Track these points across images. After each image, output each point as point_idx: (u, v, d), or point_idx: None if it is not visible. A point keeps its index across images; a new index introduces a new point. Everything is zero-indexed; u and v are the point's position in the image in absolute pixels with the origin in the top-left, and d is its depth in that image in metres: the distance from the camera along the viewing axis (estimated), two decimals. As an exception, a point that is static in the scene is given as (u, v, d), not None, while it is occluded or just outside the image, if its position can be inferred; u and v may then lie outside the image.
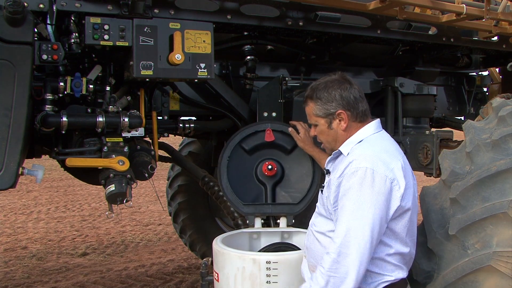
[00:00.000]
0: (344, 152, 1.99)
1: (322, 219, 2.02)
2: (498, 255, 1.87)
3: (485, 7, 2.92)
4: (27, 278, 5.21)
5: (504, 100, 2.27)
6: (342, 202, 1.83)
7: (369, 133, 2.00)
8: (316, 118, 2.07)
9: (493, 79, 4.78)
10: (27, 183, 11.10)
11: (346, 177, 1.84)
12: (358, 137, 1.99)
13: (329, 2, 2.78)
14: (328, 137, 2.07)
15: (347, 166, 1.86)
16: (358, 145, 1.97)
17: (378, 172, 1.79)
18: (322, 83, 2.05)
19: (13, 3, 2.15)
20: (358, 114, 2.01)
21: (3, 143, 2.26)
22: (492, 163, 2.01)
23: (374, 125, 2.03)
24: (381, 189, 1.78)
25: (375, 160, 1.83)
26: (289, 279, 2.18)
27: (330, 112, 2.01)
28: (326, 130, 2.05)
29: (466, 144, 2.17)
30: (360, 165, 1.82)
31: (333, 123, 2.02)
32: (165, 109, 3.24)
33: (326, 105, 2.02)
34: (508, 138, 2.03)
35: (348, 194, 1.81)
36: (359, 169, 1.81)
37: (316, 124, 2.08)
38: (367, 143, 1.96)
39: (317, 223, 2.05)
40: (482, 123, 2.25)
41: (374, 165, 1.81)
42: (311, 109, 2.08)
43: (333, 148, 2.09)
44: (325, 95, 2.02)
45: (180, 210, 4.88)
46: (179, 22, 2.56)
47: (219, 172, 2.69)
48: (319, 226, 2.02)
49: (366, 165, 1.81)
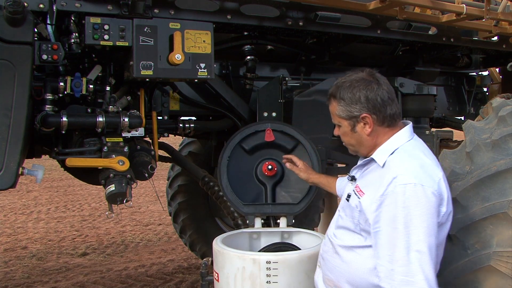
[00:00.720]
0: (379, 162, 1.80)
1: (346, 232, 1.86)
2: (498, 255, 1.87)
3: (485, 7, 2.92)
4: (27, 278, 5.21)
5: (504, 100, 2.27)
6: (393, 225, 1.64)
7: (404, 141, 1.82)
8: (339, 119, 1.90)
9: (493, 79, 4.79)
10: (27, 183, 11.10)
11: (393, 196, 1.66)
12: (393, 145, 1.81)
13: (329, 2, 2.78)
14: (352, 140, 1.90)
15: (390, 182, 1.67)
16: (395, 155, 1.78)
17: (427, 187, 1.65)
18: (347, 81, 1.86)
19: (13, 3, 2.15)
20: (386, 118, 1.82)
21: (3, 143, 2.26)
22: (492, 163, 2.01)
23: (408, 131, 1.86)
24: (431, 206, 1.64)
25: (421, 173, 1.68)
26: (289, 279, 2.18)
27: (354, 115, 1.83)
28: (350, 132, 1.88)
29: (466, 144, 2.17)
30: (407, 181, 1.64)
31: (357, 126, 1.85)
32: (165, 109, 3.24)
33: (350, 107, 1.83)
34: (508, 138, 2.03)
35: (399, 216, 1.63)
36: (406, 185, 1.64)
37: (339, 124, 1.92)
38: (405, 153, 1.78)
39: (339, 236, 1.90)
40: (482, 123, 2.24)
41: (422, 180, 1.65)
42: (334, 108, 1.90)
43: (357, 151, 1.94)
44: (349, 96, 1.83)
45: (180, 210, 4.88)
46: (179, 22, 2.57)
47: (219, 172, 2.68)
48: (342, 239, 1.87)
49: (414, 180, 1.64)
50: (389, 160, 1.78)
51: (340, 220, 1.92)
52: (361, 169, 1.93)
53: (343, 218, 1.89)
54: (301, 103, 3.16)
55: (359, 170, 1.94)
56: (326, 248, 1.97)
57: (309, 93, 3.19)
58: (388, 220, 1.66)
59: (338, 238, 1.90)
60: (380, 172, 1.77)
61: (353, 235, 1.82)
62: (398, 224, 1.63)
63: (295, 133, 2.73)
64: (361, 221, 1.78)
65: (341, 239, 1.88)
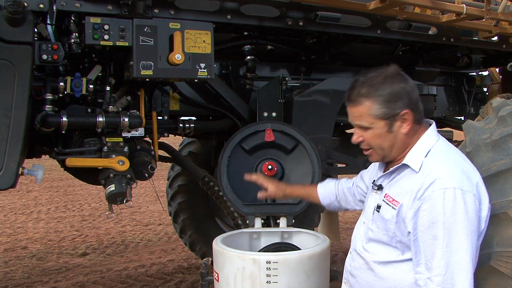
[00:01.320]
0: (414, 167, 1.66)
1: (379, 246, 1.75)
2: (498, 255, 1.87)
3: (485, 7, 2.92)
4: (27, 278, 5.21)
5: (504, 100, 2.27)
6: (432, 232, 1.55)
7: (434, 141, 1.71)
8: (372, 120, 1.68)
9: (493, 79, 4.79)
10: (27, 183, 11.10)
11: (430, 201, 1.56)
12: (424, 147, 1.69)
13: (329, 2, 2.78)
14: (385, 143, 1.71)
15: (428, 187, 1.58)
16: (429, 158, 1.66)
17: (467, 191, 1.56)
18: (380, 77, 1.69)
19: (13, 3, 2.15)
20: (420, 115, 1.71)
21: (3, 143, 2.26)
22: (492, 163, 2.01)
23: (435, 131, 1.75)
24: (472, 211, 1.55)
25: (460, 176, 1.58)
26: (289, 279, 2.18)
27: (395, 112, 1.65)
28: (384, 134, 1.68)
29: (466, 144, 2.17)
30: (447, 185, 1.55)
31: (394, 125, 1.67)
32: (165, 109, 3.24)
33: (390, 103, 1.65)
34: (508, 138, 2.03)
35: (438, 222, 1.54)
36: (446, 190, 1.54)
37: (369, 127, 1.70)
38: (440, 155, 1.67)
39: (371, 250, 1.78)
40: (482, 123, 2.24)
41: (461, 184, 1.56)
42: (367, 109, 1.68)
43: (385, 156, 1.75)
44: (388, 92, 1.65)
45: (180, 210, 4.88)
46: (179, 22, 2.57)
47: (219, 172, 2.68)
48: (376, 254, 1.75)
49: (454, 184, 1.55)
50: (424, 163, 1.65)
51: (371, 233, 1.78)
52: (389, 177, 1.78)
53: (375, 231, 1.76)
54: (301, 103, 3.16)
55: (386, 178, 1.79)
56: (356, 264, 1.84)
57: (309, 93, 3.19)
58: (426, 227, 1.57)
59: (371, 253, 1.77)
60: (415, 177, 1.65)
61: (388, 249, 1.71)
62: (437, 230, 1.55)
63: (295, 133, 2.73)
64: (397, 233, 1.67)
65: (374, 254, 1.76)
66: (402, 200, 1.66)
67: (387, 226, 1.70)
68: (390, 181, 1.76)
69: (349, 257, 1.92)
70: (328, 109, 3.22)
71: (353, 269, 1.86)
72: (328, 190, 2.29)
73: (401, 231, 1.66)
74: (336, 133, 3.77)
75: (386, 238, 1.71)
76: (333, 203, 2.27)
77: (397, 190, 1.71)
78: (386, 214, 1.70)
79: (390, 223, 1.68)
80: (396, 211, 1.66)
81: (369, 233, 1.80)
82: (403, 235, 1.66)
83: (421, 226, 1.58)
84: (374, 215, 1.78)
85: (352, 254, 1.89)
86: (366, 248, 1.80)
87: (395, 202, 1.68)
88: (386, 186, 1.77)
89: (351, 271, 1.87)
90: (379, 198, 1.78)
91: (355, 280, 1.84)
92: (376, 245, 1.76)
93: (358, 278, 1.82)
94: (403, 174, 1.72)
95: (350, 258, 1.91)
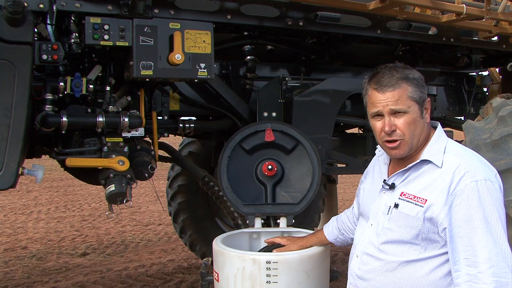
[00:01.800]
0: (437, 163, 1.67)
1: (399, 246, 1.71)
2: (498, 255, 1.87)
3: (485, 7, 2.92)
4: (27, 278, 5.21)
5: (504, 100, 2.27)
6: (470, 225, 1.55)
7: (446, 139, 1.75)
8: (410, 103, 1.67)
9: (493, 79, 4.79)
10: (27, 183, 11.10)
11: (464, 194, 1.58)
12: (440, 144, 1.72)
13: (329, 2, 2.78)
14: (417, 129, 1.69)
15: (460, 180, 1.59)
16: (450, 153, 1.68)
17: (494, 182, 1.61)
18: (402, 66, 1.74)
19: (13, 3, 2.15)
20: None
21: (3, 143, 2.26)
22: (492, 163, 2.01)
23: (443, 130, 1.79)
24: (501, 200, 1.60)
25: (485, 169, 1.63)
26: (289, 279, 2.18)
27: (425, 97, 1.70)
28: (418, 119, 1.69)
29: (466, 144, 2.17)
30: (477, 178, 1.58)
31: (423, 111, 1.71)
32: (165, 109, 3.24)
33: (422, 88, 1.70)
34: (508, 138, 2.03)
35: (476, 214, 1.55)
36: (478, 182, 1.57)
37: (407, 111, 1.67)
38: (460, 150, 1.70)
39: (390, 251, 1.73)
40: (482, 123, 2.25)
41: (489, 175, 1.61)
42: (405, 91, 1.67)
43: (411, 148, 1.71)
44: (417, 77, 1.70)
45: (180, 210, 4.88)
46: (179, 22, 2.57)
47: (219, 172, 2.68)
48: (396, 254, 1.71)
49: (484, 176, 1.59)
50: (445, 159, 1.67)
51: (390, 233, 1.74)
52: (402, 175, 1.76)
53: (395, 231, 1.72)
54: (301, 103, 3.16)
55: (399, 176, 1.77)
56: (370, 268, 1.79)
57: (309, 93, 3.19)
58: (463, 221, 1.57)
59: (389, 253, 1.73)
60: (439, 172, 1.66)
61: (409, 248, 1.69)
62: (476, 223, 1.55)
63: (295, 133, 2.73)
64: (423, 230, 1.65)
65: (394, 254, 1.72)
66: (429, 196, 1.65)
67: (412, 224, 1.67)
68: (405, 179, 1.75)
69: (357, 261, 1.85)
70: (328, 109, 3.21)
71: (365, 273, 1.80)
72: (332, 227, 2.29)
73: (428, 228, 1.64)
74: (336, 133, 3.77)
75: (409, 236, 1.68)
76: (338, 237, 2.25)
77: (418, 187, 1.69)
78: (411, 212, 1.67)
79: (417, 220, 1.66)
80: (424, 208, 1.65)
81: (387, 234, 1.75)
82: (431, 231, 1.64)
83: (457, 221, 1.58)
84: (391, 214, 1.74)
85: (360, 258, 1.84)
86: (382, 249, 1.75)
87: (420, 199, 1.67)
88: (400, 185, 1.75)
89: (362, 275, 1.82)
90: (391, 197, 1.76)
91: (367, 284, 1.79)
92: (394, 245, 1.73)
93: (372, 281, 1.77)
94: (422, 171, 1.71)
95: (358, 262, 1.84)
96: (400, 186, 1.75)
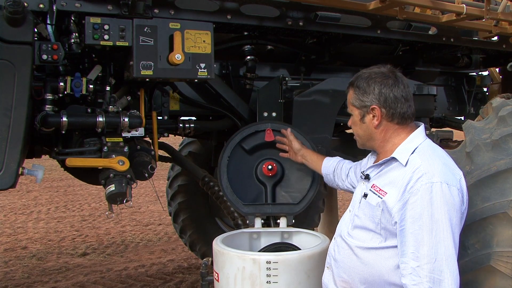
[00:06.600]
0: (401, 161, 1.80)
1: (364, 232, 1.86)
2: (498, 255, 1.87)
3: (485, 7, 2.92)
4: (27, 278, 5.21)
5: (504, 100, 2.27)
6: (419, 223, 1.66)
7: (421, 140, 1.86)
8: (351, 107, 1.96)
9: (493, 79, 4.79)
10: (27, 183, 11.10)
11: (418, 194, 1.68)
12: (412, 144, 1.84)
13: (329, 2, 2.78)
14: (360, 131, 1.96)
15: (416, 180, 1.70)
16: (416, 154, 1.80)
17: (452, 185, 1.69)
18: (367, 72, 1.93)
19: (13, 3, 2.15)
20: (395, 115, 1.87)
21: (3, 143, 2.26)
22: (492, 163, 2.01)
23: (423, 132, 1.92)
24: (456, 204, 1.68)
25: (445, 172, 1.71)
26: (289, 279, 2.18)
27: (365, 104, 1.90)
28: (359, 122, 1.94)
29: (466, 144, 2.17)
30: (434, 180, 1.68)
31: (366, 117, 1.91)
32: (165, 109, 3.24)
33: (363, 96, 1.90)
34: (508, 138, 2.03)
35: (425, 214, 1.65)
36: (433, 184, 1.67)
37: (350, 113, 1.98)
38: (427, 152, 1.81)
39: (356, 236, 1.89)
40: (482, 123, 2.24)
41: (447, 178, 1.69)
42: (350, 96, 1.96)
43: (364, 144, 1.99)
44: (364, 86, 1.89)
45: (180, 210, 4.88)
46: (179, 22, 2.56)
47: (219, 172, 2.68)
48: (360, 239, 1.87)
49: (440, 179, 1.68)
50: (411, 158, 1.79)
51: (357, 220, 1.90)
52: (378, 168, 1.93)
53: (361, 218, 1.88)
54: (301, 103, 3.16)
55: (375, 169, 1.94)
56: (339, 249, 1.95)
57: (309, 93, 3.19)
58: (413, 218, 1.68)
59: (355, 238, 1.89)
60: (403, 170, 1.78)
61: (372, 235, 1.82)
62: (424, 221, 1.65)
63: (295, 133, 2.73)
64: (382, 220, 1.79)
65: (359, 240, 1.87)
66: (389, 190, 1.79)
67: (373, 213, 1.82)
68: (378, 172, 1.91)
69: (333, 242, 2.02)
70: (328, 109, 3.21)
71: (336, 253, 1.97)
72: (331, 163, 2.47)
73: (386, 219, 1.77)
74: (336, 133, 3.77)
75: (371, 225, 1.82)
76: (329, 175, 2.46)
77: (384, 181, 1.84)
78: (373, 202, 1.83)
79: (376, 210, 1.81)
80: (382, 200, 1.79)
81: (355, 220, 1.91)
82: (388, 222, 1.77)
83: (409, 218, 1.69)
84: (361, 203, 1.91)
85: (336, 240, 2.00)
86: (351, 234, 1.91)
87: (382, 191, 1.82)
88: (374, 177, 1.91)
89: (334, 255, 1.98)
90: (366, 187, 1.92)
91: (337, 265, 1.94)
92: (361, 231, 1.87)
93: (340, 262, 1.93)
94: (391, 167, 1.85)
95: (334, 243, 2.01)
96: (373, 178, 1.91)
